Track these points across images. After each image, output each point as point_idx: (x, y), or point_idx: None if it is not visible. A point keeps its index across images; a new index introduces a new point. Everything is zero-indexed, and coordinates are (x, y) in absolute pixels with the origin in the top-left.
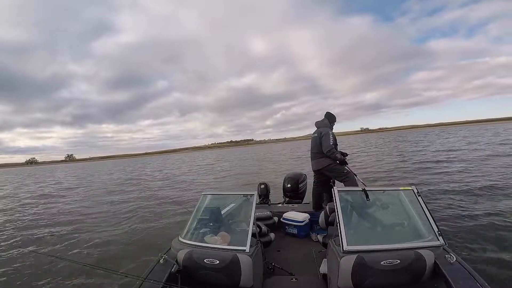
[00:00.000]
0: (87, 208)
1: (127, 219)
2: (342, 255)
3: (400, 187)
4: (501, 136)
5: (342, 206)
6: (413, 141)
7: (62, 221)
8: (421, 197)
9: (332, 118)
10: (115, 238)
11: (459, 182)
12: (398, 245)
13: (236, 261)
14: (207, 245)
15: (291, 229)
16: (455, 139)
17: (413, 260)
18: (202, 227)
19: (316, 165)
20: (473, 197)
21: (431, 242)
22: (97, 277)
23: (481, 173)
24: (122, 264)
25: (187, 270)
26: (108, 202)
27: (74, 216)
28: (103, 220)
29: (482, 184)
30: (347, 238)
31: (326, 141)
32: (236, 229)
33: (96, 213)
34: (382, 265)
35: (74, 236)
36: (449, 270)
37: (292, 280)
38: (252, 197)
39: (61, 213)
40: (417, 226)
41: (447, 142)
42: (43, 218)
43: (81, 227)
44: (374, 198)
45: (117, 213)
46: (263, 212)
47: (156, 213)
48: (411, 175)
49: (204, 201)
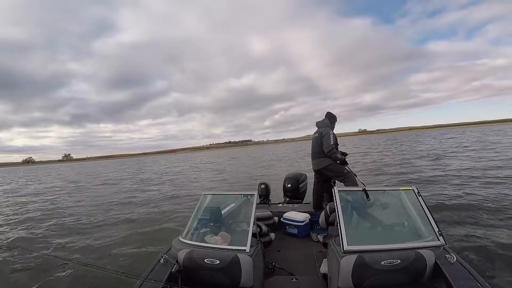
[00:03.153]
0: (86, 208)
1: (127, 219)
2: (343, 255)
3: (400, 187)
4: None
5: (343, 206)
6: (412, 142)
7: (62, 221)
8: (422, 197)
9: (333, 118)
10: (115, 238)
11: (459, 182)
12: (398, 245)
13: (237, 261)
14: (207, 245)
15: (291, 229)
16: (453, 140)
17: (414, 260)
18: (202, 227)
19: (316, 165)
20: (474, 197)
21: (432, 242)
22: (97, 277)
23: (481, 173)
24: (122, 264)
25: (188, 270)
26: (108, 202)
27: (74, 216)
28: (103, 219)
29: (483, 185)
30: (347, 238)
31: (327, 141)
32: (236, 229)
33: (95, 213)
34: (382, 265)
35: (73, 236)
36: (450, 270)
37: (292, 280)
38: (252, 197)
39: (61, 213)
40: (418, 226)
41: (445, 143)
42: (42, 218)
43: (80, 227)
44: (375, 198)
45: (116, 212)
46: (264, 212)
47: (156, 213)
48: (411, 175)
49: (204, 201)
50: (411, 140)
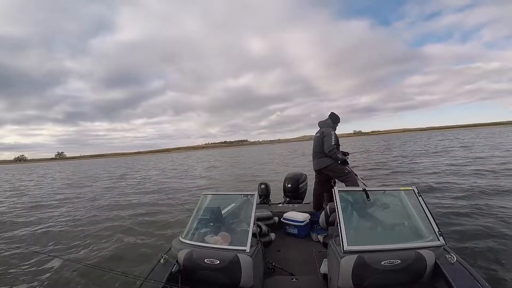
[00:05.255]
0: (85, 208)
1: (127, 219)
2: (343, 255)
3: (400, 187)
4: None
5: (343, 206)
6: (411, 143)
7: (61, 221)
8: (422, 197)
9: (335, 119)
10: (115, 238)
11: (459, 183)
12: (398, 245)
13: (237, 261)
14: (207, 245)
15: (291, 229)
16: (450, 142)
17: (414, 260)
18: (202, 227)
19: (317, 165)
20: (474, 197)
21: (432, 242)
22: (97, 277)
23: (481, 174)
24: (122, 264)
25: (188, 270)
26: (107, 202)
27: (73, 216)
28: (102, 219)
29: (483, 184)
30: (347, 238)
31: (328, 141)
32: (236, 229)
33: (94, 212)
34: (382, 265)
35: (73, 236)
36: (450, 270)
37: (292, 280)
38: (252, 197)
39: (60, 212)
40: (418, 226)
41: (443, 144)
42: (41, 217)
43: (80, 227)
44: (375, 198)
45: (116, 212)
46: (264, 212)
47: (156, 213)
48: (411, 176)
49: (204, 201)
50: (403, 142)
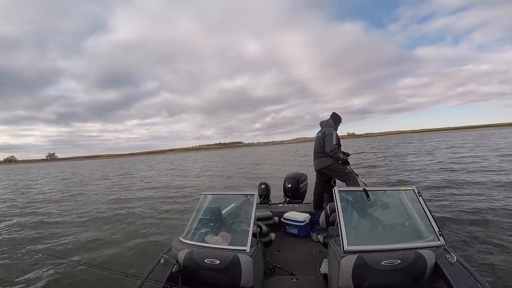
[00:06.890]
0: (85, 208)
1: (127, 219)
2: (343, 255)
3: (400, 187)
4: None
5: (343, 206)
6: (409, 144)
7: (61, 221)
8: (422, 197)
9: (337, 119)
10: (115, 238)
11: (460, 183)
12: (398, 245)
13: (237, 261)
14: (207, 245)
15: (291, 229)
16: (445, 143)
17: (414, 260)
18: (202, 227)
19: (318, 165)
20: (474, 197)
21: (432, 242)
22: (97, 277)
23: (481, 174)
24: (122, 264)
25: (188, 270)
26: (107, 202)
27: (73, 215)
28: (102, 219)
29: (483, 185)
30: (347, 238)
31: (329, 141)
32: (236, 229)
33: (94, 213)
34: (382, 265)
35: (73, 236)
36: (450, 270)
37: (292, 280)
38: (252, 197)
39: (60, 212)
40: (418, 226)
41: (443, 145)
42: (41, 217)
43: (79, 227)
44: (375, 198)
45: (116, 212)
46: (264, 212)
47: (156, 213)
48: (411, 176)
49: (204, 201)
50: (410, 142)
